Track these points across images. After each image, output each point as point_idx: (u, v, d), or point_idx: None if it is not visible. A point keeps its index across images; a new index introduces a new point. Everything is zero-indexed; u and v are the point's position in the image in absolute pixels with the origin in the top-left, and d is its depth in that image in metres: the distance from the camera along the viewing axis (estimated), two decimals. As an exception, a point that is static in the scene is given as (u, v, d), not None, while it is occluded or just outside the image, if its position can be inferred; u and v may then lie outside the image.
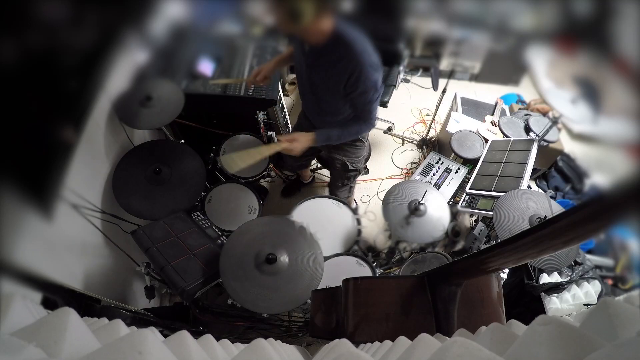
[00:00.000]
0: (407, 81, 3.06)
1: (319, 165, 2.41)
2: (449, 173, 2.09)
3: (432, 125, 2.64)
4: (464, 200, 1.78)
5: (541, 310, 1.73)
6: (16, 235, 0.81)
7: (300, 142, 1.36)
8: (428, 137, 2.78)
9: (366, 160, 2.27)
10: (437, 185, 2.03)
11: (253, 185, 1.74)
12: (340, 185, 1.86)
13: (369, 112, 1.37)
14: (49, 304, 0.80)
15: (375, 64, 1.24)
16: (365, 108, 1.35)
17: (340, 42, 1.17)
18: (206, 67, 1.77)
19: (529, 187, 1.93)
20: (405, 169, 2.70)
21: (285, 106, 2.21)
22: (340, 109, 1.40)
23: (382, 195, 2.34)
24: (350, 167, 1.70)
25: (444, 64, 2.13)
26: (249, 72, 1.87)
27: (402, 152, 2.80)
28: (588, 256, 1.87)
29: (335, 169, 1.73)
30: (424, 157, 2.44)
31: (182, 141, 1.72)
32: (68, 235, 1.16)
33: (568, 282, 1.73)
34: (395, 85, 2.39)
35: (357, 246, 1.61)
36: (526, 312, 1.80)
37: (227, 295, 1.28)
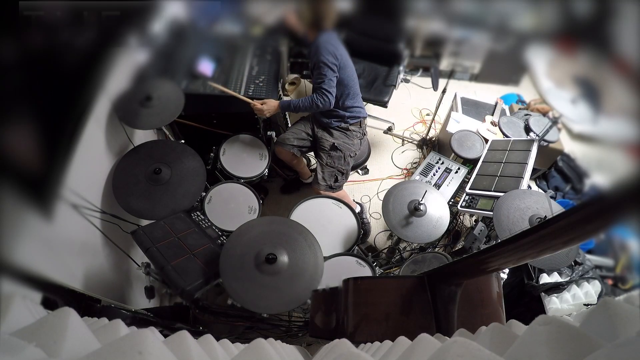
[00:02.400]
0: (407, 81, 3.06)
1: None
2: (449, 173, 2.09)
3: (432, 125, 2.64)
4: (464, 200, 1.78)
5: (541, 310, 1.73)
6: (16, 235, 0.81)
7: (269, 106, 1.72)
8: (428, 137, 2.78)
9: (365, 160, 2.27)
10: (437, 185, 2.03)
11: (253, 185, 1.74)
12: (325, 165, 1.88)
13: (321, 84, 1.67)
14: (49, 304, 0.80)
15: (330, 52, 1.61)
16: (318, 80, 1.67)
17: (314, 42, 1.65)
18: (206, 67, 1.77)
19: (529, 187, 1.93)
20: (405, 169, 2.70)
21: (285, 106, 2.21)
22: None
23: (382, 195, 2.34)
24: (336, 147, 1.87)
25: (444, 64, 2.13)
26: (248, 72, 1.87)
27: (402, 152, 2.80)
28: (588, 256, 1.87)
29: (323, 149, 1.88)
30: (424, 157, 2.44)
31: (182, 141, 1.72)
32: (68, 235, 1.16)
33: (568, 282, 1.73)
34: (395, 85, 2.39)
35: (357, 246, 1.61)
36: (526, 312, 1.80)
37: (227, 295, 1.28)
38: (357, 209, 2.15)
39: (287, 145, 1.93)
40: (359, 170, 2.57)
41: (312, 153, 2.12)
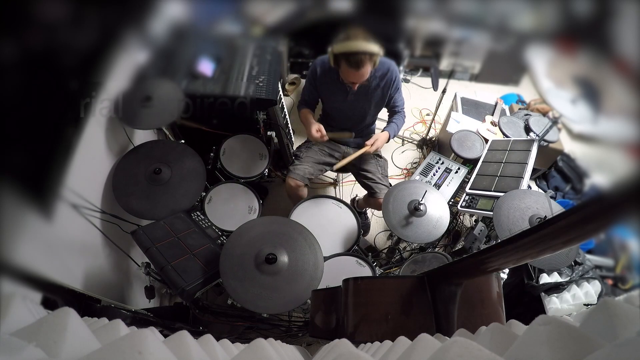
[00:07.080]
0: (407, 81, 3.06)
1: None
2: (449, 173, 2.09)
3: (432, 125, 2.64)
4: (464, 200, 1.78)
5: (541, 310, 1.73)
6: (16, 235, 0.81)
7: (381, 141, 1.73)
8: (428, 137, 2.78)
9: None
10: (437, 185, 2.03)
11: (253, 185, 1.74)
12: (382, 175, 1.89)
13: (403, 107, 1.77)
14: (49, 304, 0.80)
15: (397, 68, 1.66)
16: (402, 100, 1.76)
17: (383, 66, 1.59)
18: (206, 67, 1.77)
19: (529, 187, 1.93)
20: (405, 169, 2.70)
21: (285, 106, 2.21)
22: (373, 116, 1.84)
23: (382, 195, 2.34)
24: (380, 154, 1.95)
25: (444, 64, 2.13)
26: (248, 72, 1.87)
27: (402, 152, 2.80)
28: (588, 256, 1.87)
29: (369, 162, 1.90)
30: (424, 157, 2.44)
31: (182, 141, 1.72)
32: (68, 235, 1.16)
33: (568, 282, 1.73)
34: (395, 85, 2.39)
35: (357, 246, 1.61)
36: (526, 312, 1.80)
37: (227, 295, 1.28)
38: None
39: (305, 178, 1.77)
40: (359, 170, 2.57)
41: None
